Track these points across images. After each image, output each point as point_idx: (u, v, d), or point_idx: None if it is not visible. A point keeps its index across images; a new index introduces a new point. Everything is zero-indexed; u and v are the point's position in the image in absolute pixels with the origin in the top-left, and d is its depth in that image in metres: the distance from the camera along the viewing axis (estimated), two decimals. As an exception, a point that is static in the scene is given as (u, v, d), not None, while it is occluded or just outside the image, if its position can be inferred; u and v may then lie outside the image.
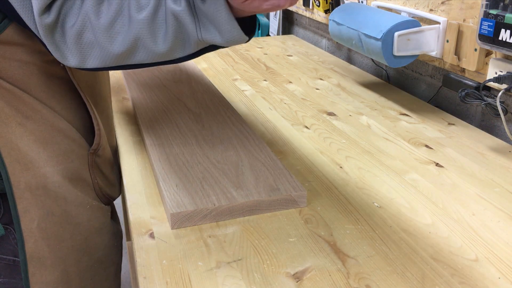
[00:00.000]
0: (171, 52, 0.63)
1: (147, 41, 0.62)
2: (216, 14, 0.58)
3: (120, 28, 0.61)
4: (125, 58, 0.63)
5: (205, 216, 0.69)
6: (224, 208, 0.70)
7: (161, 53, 0.63)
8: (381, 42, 1.09)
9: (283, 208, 0.73)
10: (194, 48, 0.63)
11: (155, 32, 0.61)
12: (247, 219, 0.70)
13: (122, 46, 0.61)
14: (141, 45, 0.62)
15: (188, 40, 0.62)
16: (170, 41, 0.62)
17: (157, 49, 0.62)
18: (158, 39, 0.61)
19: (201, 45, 0.63)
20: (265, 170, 0.79)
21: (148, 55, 0.63)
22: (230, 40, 0.60)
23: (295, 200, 0.73)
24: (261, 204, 0.71)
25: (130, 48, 0.62)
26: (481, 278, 0.59)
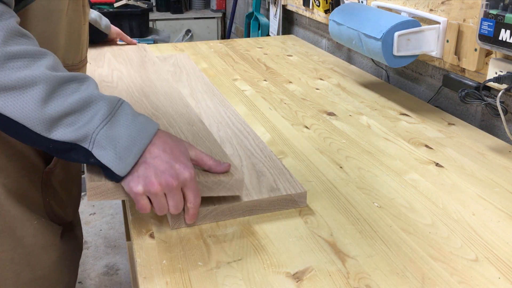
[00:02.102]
0: (49, 123, 0.58)
1: (38, 93, 0.57)
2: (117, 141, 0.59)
3: (24, 64, 0.57)
4: None
5: (205, 216, 0.69)
6: (224, 208, 0.69)
7: (40, 118, 0.57)
8: (381, 42, 1.09)
9: (283, 208, 0.73)
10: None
11: (56, 92, 0.58)
12: (247, 219, 0.70)
13: (2, 79, 0.56)
14: (26, 93, 0.57)
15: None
16: (62, 110, 0.58)
17: (41, 109, 0.57)
18: (52, 100, 0.57)
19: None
20: (265, 170, 0.79)
21: (21, 109, 0.57)
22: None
23: (295, 200, 0.73)
24: (261, 204, 0.71)
25: (10, 86, 0.56)
26: (481, 278, 0.59)
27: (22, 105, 0.57)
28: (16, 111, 0.57)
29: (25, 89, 0.56)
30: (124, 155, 0.59)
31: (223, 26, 3.69)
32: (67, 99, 0.58)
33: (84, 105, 0.59)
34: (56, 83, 0.58)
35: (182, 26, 3.57)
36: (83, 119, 0.59)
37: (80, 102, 0.59)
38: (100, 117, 0.59)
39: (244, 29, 2.54)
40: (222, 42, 1.80)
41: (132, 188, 0.61)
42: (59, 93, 0.58)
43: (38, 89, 0.57)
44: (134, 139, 0.60)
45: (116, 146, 0.59)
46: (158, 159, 0.61)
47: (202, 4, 3.74)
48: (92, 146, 0.59)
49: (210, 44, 1.77)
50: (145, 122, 0.63)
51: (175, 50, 1.67)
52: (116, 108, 0.61)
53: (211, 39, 3.57)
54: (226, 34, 3.13)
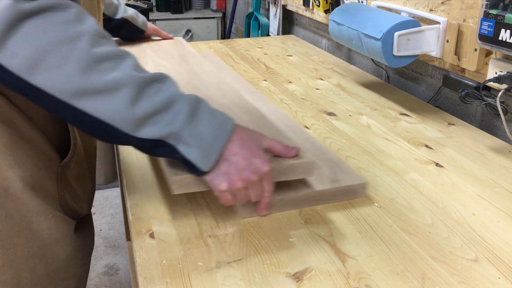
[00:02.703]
0: (136, 123, 0.60)
1: (126, 94, 0.59)
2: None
3: (111, 66, 0.59)
4: (82, 96, 0.58)
5: (271, 207, 0.71)
6: (290, 199, 0.71)
7: (128, 118, 0.60)
8: (381, 42, 1.09)
9: (344, 198, 0.75)
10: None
11: (143, 92, 0.61)
12: (247, 220, 0.70)
13: (93, 82, 0.58)
14: (115, 95, 0.59)
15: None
16: (149, 110, 0.60)
17: (129, 110, 0.59)
18: (139, 100, 0.60)
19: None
20: (320, 163, 0.80)
21: (111, 110, 0.59)
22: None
23: (356, 191, 0.75)
24: (324, 194, 0.73)
25: (101, 90, 0.58)
26: (481, 278, 0.59)
27: (112, 106, 0.59)
28: (106, 113, 0.59)
29: (114, 91, 0.59)
30: (208, 152, 0.63)
31: (223, 26, 3.69)
32: (153, 99, 0.61)
33: (168, 104, 0.62)
34: (142, 83, 0.61)
35: (182, 26, 3.57)
36: (168, 117, 0.62)
37: (165, 101, 0.62)
38: (184, 114, 0.62)
39: (244, 29, 2.54)
40: (222, 42, 1.80)
41: (217, 185, 0.64)
42: (145, 93, 0.61)
43: (126, 91, 0.59)
44: (216, 136, 0.64)
45: (201, 143, 0.62)
46: (238, 156, 0.65)
47: (202, 4, 3.74)
48: (178, 142, 0.62)
49: (210, 44, 1.77)
50: (223, 119, 0.66)
51: (175, 50, 1.67)
52: (197, 105, 0.64)
53: (211, 39, 3.57)
54: (226, 34, 3.13)
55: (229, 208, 0.73)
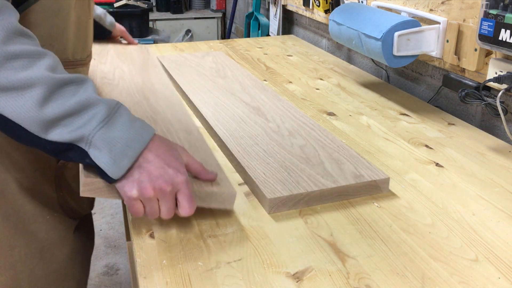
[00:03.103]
0: (46, 125, 0.58)
1: (36, 94, 0.56)
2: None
3: (24, 65, 0.57)
4: None
5: (298, 202, 0.72)
6: (315, 194, 0.73)
7: (37, 119, 0.57)
8: (381, 42, 1.09)
9: (367, 193, 0.76)
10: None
11: (55, 94, 0.58)
12: (247, 220, 0.70)
13: (7, 77, 0.56)
14: (24, 94, 0.56)
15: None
16: (60, 112, 0.57)
17: (38, 111, 0.57)
18: (50, 102, 0.57)
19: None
20: (342, 158, 0.82)
21: (19, 110, 0.57)
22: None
23: (379, 186, 0.76)
24: (349, 189, 0.74)
25: (9, 87, 0.56)
26: (481, 278, 0.59)
27: (20, 106, 0.56)
28: (14, 112, 0.56)
29: (23, 90, 0.56)
30: (119, 158, 0.59)
31: (223, 26, 3.69)
32: (65, 102, 0.58)
33: (82, 108, 0.59)
34: (54, 85, 0.58)
35: (182, 26, 3.57)
36: (81, 121, 0.59)
37: (78, 105, 0.59)
38: (97, 119, 0.59)
39: (244, 29, 2.54)
40: (222, 42, 1.80)
41: (126, 192, 0.61)
42: (57, 95, 0.58)
43: (36, 91, 0.56)
44: (130, 143, 0.60)
45: (112, 149, 0.59)
46: (152, 164, 0.61)
47: (202, 4, 3.74)
48: (88, 146, 0.59)
49: (210, 44, 1.77)
50: (141, 127, 0.62)
51: (175, 50, 1.67)
52: (114, 111, 0.61)
53: (211, 39, 3.57)
54: (226, 34, 3.13)
55: (229, 208, 0.73)
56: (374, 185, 0.76)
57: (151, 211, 0.62)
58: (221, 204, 0.69)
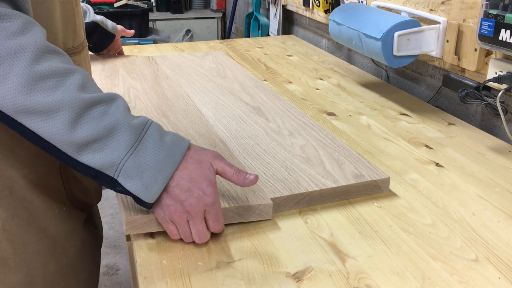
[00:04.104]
0: (76, 147, 0.59)
1: (65, 117, 0.57)
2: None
3: (52, 85, 0.58)
4: (25, 114, 0.57)
5: (298, 201, 0.72)
6: (316, 194, 0.73)
7: (67, 140, 0.58)
8: (381, 42, 1.09)
9: (367, 193, 0.76)
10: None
11: (83, 116, 0.58)
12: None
13: (34, 102, 0.56)
14: (54, 117, 0.57)
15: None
16: (89, 136, 0.58)
17: (68, 133, 0.58)
18: (79, 124, 0.58)
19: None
20: (343, 158, 0.82)
21: (51, 131, 0.58)
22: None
23: (379, 186, 0.76)
24: (349, 189, 0.75)
25: (41, 110, 0.57)
26: (481, 278, 0.59)
27: (50, 128, 0.58)
28: (46, 132, 0.58)
29: (53, 113, 0.57)
30: (150, 184, 0.60)
31: (223, 26, 3.69)
32: (93, 125, 0.58)
33: (109, 132, 0.59)
34: (83, 106, 0.58)
35: (182, 26, 3.57)
36: (110, 146, 0.59)
37: (107, 128, 0.59)
38: (125, 145, 0.59)
39: (244, 29, 2.54)
40: (222, 42, 1.80)
41: (159, 216, 0.63)
42: (86, 117, 0.58)
43: (65, 114, 0.57)
44: (161, 166, 0.60)
45: (142, 176, 0.59)
46: (179, 187, 0.61)
47: (202, 4, 3.74)
48: (117, 175, 0.59)
49: (210, 44, 1.77)
50: (172, 146, 0.62)
51: (175, 50, 1.67)
52: (143, 134, 0.61)
53: (211, 39, 3.57)
54: (226, 34, 3.13)
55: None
56: (374, 185, 0.76)
57: (183, 234, 0.64)
58: (259, 216, 0.69)
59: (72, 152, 0.59)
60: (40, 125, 0.58)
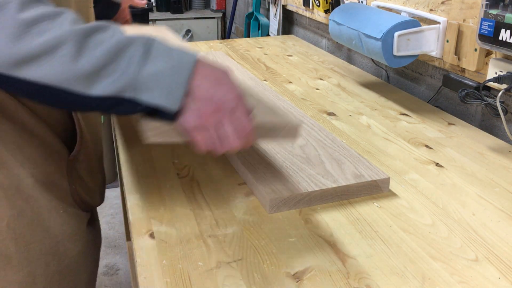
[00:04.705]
0: (87, 79, 0.56)
1: (67, 51, 0.54)
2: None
3: (44, 27, 0.54)
4: (21, 64, 0.54)
5: (298, 202, 0.72)
6: (316, 194, 0.73)
7: (76, 74, 0.55)
8: (381, 42, 1.09)
9: (367, 193, 0.76)
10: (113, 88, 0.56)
11: (85, 45, 0.55)
12: (247, 220, 0.70)
13: (29, 48, 0.53)
14: (55, 54, 0.54)
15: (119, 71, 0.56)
16: (97, 62, 0.55)
17: (75, 66, 0.54)
18: (84, 54, 0.55)
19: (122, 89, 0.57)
20: (343, 158, 0.82)
21: (55, 71, 0.54)
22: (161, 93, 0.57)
23: (379, 186, 0.76)
24: (349, 189, 0.75)
25: (39, 53, 0.53)
26: (481, 278, 0.59)
27: (55, 68, 0.54)
28: (50, 76, 0.54)
29: (53, 51, 0.54)
30: (171, 90, 0.57)
31: (223, 26, 3.69)
32: (97, 50, 0.56)
33: (116, 52, 0.56)
34: (82, 36, 0.55)
35: (182, 26, 3.57)
36: (120, 66, 0.56)
37: (112, 50, 0.56)
38: (135, 60, 0.56)
39: (244, 29, 2.54)
40: (222, 42, 1.80)
41: (188, 124, 0.59)
42: (88, 45, 0.55)
43: (66, 48, 0.54)
44: (176, 70, 0.58)
45: (160, 84, 0.57)
46: (202, 88, 0.58)
47: (202, 4, 3.74)
48: (136, 92, 0.56)
49: (210, 44, 1.77)
50: (182, 53, 0.59)
51: (175, 50, 1.67)
52: (149, 45, 0.58)
53: (211, 39, 3.57)
54: (226, 34, 3.13)
55: (229, 208, 0.73)
56: (374, 185, 0.76)
57: (212, 141, 0.60)
58: (285, 136, 0.68)
59: (83, 87, 0.55)
60: (42, 69, 0.54)
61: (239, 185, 0.79)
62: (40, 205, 0.74)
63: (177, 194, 0.77)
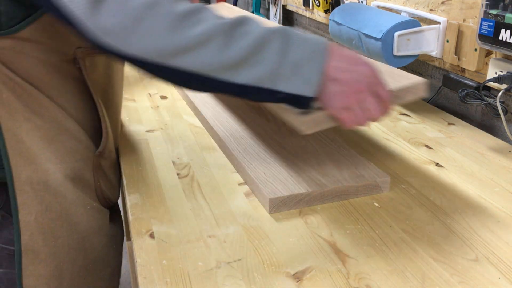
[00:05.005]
0: (233, 68, 0.61)
1: (217, 43, 0.60)
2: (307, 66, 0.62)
3: (195, 20, 0.60)
4: (176, 55, 0.59)
5: (298, 202, 0.72)
6: (316, 194, 0.73)
7: (224, 64, 0.61)
8: (381, 42, 1.09)
9: (367, 193, 0.76)
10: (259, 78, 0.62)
11: (232, 37, 0.61)
12: (247, 220, 0.70)
13: (184, 40, 0.59)
14: (207, 46, 0.59)
15: (263, 63, 0.62)
16: (242, 53, 0.61)
17: (223, 56, 0.60)
18: (231, 46, 0.60)
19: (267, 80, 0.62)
20: (343, 159, 0.82)
21: (206, 61, 0.60)
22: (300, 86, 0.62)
23: (379, 186, 0.77)
24: (349, 189, 0.75)
25: (193, 44, 0.59)
26: (481, 278, 0.59)
27: (205, 58, 0.60)
28: (201, 65, 0.60)
29: (205, 43, 0.59)
30: (309, 77, 0.62)
31: (223, 26, 3.69)
32: (242, 42, 0.61)
33: (260, 44, 0.61)
34: (228, 29, 0.61)
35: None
36: (263, 58, 0.61)
37: (256, 42, 0.61)
38: (277, 51, 0.62)
39: (244, 29, 2.54)
40: (222, 42, 1.80)
41: (332, 108, 0.64)
42: (234, 38, 0.61)
43: (216, 41, 0.60)
44: (312, 57, 0.63)
45: (298, 73, 0.62)
46: (340, 71, 0.63)
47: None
48: (276, 82, 0.62)
49: (210, 44, 1.77)
50: (315, 40, 0.66)
51: (175, 50, 1.67)
52: (287, 36, 0.64)
53: (211, 39, 3.56)
54: (226, 34, 3.12)
55: (229, 208, 0.73)
56: (374, 185, 0.76)
57: (358, 117, 0.65)
58: (415, 94, 0.72)
59: (229, 75, 0.61)
60: (195, 59, 0.60)
61: (239, 185, 0.79)
62: (68, 200, 0.76)
63: (177, 194, 0.77)
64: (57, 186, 0.74)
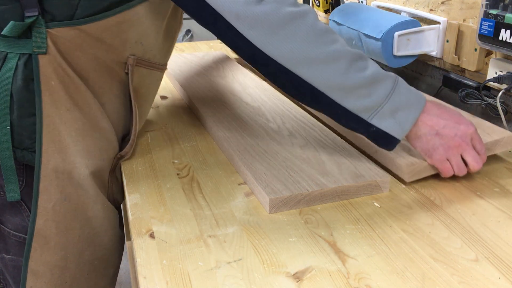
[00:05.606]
0: (346, 92, 0.69)
1: (342, 65, 0.67)
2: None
3: (330, 39, 0.68)
4: (305, 64, 0.67)
5: (299, 201, 0.72)
6: (316, 194, 0.73)
7: (340, 85, 0.68)
8: (381, 42, 1.09)
9: (367, 193, 0.77)
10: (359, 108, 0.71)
11: (354, 65, 0.69)
12: (247, 220, 0.70)
13: (317, 53, 0.67)
14: (333, 64, 0.67)
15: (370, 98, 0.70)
16: (358, 82, 0.69)
17: (342, 78, 0.68)
18: (351, 72, 0.68)
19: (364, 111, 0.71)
20: (343, 158, 0.82)
21: (326, 77, 0.67)
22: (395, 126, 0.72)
23: (379, 186, 0.77)
24: (349, 189, 0.75)
25: (323, 59, 0.67)
26: (481, 278, 0.59)
27: (327, 74, 0.68)
28: (321, 79, 0.68)
29: (333, 61, 0.68)
30: (403, 122, 0.72)
31: (223, 26, 3.68)
32: (361, 74, 0.69)
33: (373, 80, 0.70)
34: (352, 58, 0.69)
35: (182, 26, 3.57)
36: (375, 92, 0.70)
37: (371, 77, 0.70)
38: (386, 92, 0.71)
39: (244, 29, 2.53)
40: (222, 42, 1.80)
41: (435, 158, 0.75)
42: (354, 67, 0.69)
43: (342, 63, 0.68)
44: (411, 105, 0.72)
45: (395, 116, 0.71)
46: (442, 126, 0.73)
47: (202, 4, 3.73)
48: (373, 117, 0.71)
49: (210, 44, 1.77)
50: (417, 93, 0.75)
51: (176, 50, 1.67)
52: (396, 82, 0.73)
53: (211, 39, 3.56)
54: (226, 34, 3.12)
55: (229, 208, 0.73)
56: (374, 185, 0.76)
57: (458, 167, 0.76)
58: (504, 147, 0.83)
59: (339, 97, 0.69)
60: (318, 73, 0.67)
61: (239, 185, 0.79)
62: (87, 195, 0.78)
63: (177, 194, 0.77)
64: (80, 179, 0.76)
